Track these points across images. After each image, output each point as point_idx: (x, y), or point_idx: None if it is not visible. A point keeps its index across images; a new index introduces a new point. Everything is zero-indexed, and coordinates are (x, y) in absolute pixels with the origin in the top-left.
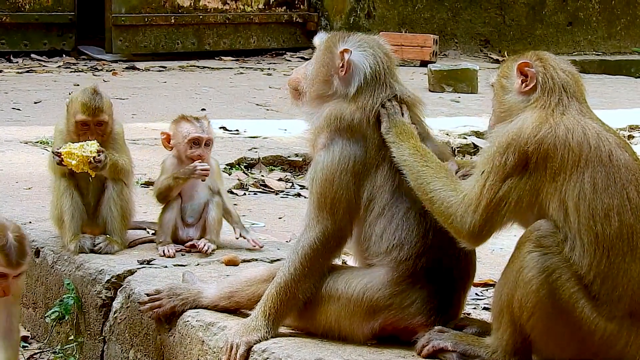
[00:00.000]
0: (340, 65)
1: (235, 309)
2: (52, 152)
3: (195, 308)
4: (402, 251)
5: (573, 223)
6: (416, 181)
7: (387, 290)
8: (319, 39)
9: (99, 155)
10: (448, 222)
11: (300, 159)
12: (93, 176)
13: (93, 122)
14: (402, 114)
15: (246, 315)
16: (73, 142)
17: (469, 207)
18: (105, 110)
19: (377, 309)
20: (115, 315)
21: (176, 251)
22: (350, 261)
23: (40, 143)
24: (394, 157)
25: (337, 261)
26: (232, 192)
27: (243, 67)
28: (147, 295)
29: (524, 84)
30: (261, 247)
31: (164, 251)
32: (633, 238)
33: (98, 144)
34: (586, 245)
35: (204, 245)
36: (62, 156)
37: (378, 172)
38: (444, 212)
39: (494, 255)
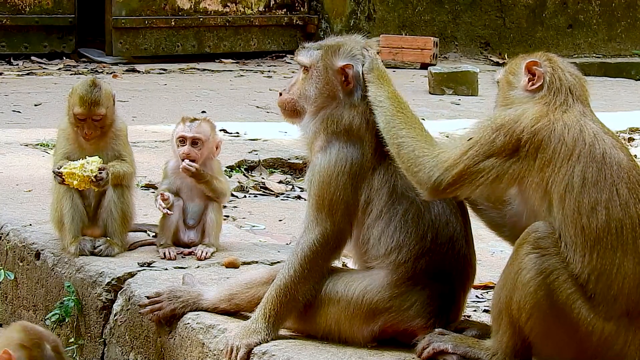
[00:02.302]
0: (344, 80)
1: (235, 311)
2: (53, 171)
3: (195, 310)
4: (401, 254)
5: (557, 214)
6: (388, 124)
7: (387, 292)
8: (309, 58)
9: (100, 174)
10: (413, 171)
11: (301, 162)
12: (96, 190)
13: (89, 116)
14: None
15: (246, 318)
16: (73, 151)
17: (443, 164)
18: (103, 104)
19: (376, 312)
20: (115, 317)
21: (177, 254)
22: (350, 263)
23: (41, 145)
24: (370, 95)
25: (337, 263)
26: (232, 195)
27: (243, 70)
28: (148, 297)
29: (530, 83)
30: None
31: (164, 254)
32: (622, 233)
33: (99, 161)
34: (573, 237)
35: (201, 253)
36: (64, 176)
37: (375, 175)
38: (412, 160)
39: (494, 257)
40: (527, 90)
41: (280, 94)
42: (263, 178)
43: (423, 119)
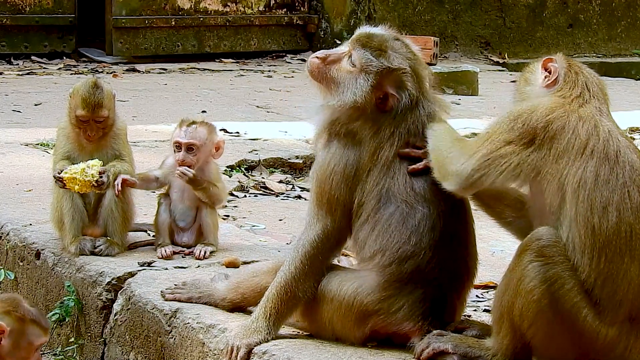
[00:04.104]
0: (380, 100)
1: (242, 302)
2: (54, 176)
3: (208, 302)
4: (384, 257)
5: (570, 210)
6: (434, 143)
7: (376, 295)
8: (363, 62)
9: (101, 178)
10: (441, 166)
11: (301, 161)
12: (97, 193)
13: (92, 118)
14: None
15: (249, 315)
16: (73, 150)
17: (467, 152)
18: (106, 105)
19: (366, 314)
20: (115, 317)
21: (174, 252)
22: (344, 261)
23: (41, 145)
24: (428, 135)
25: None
26: (232, 194)
27: (243, 69)
28: (175, 285)
29: (546, 79)
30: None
31: (161, 252)
32: (631, 237)
33: (100, 164)
34: (583, 238)
35: (200, 251)
36: (65, 181)
37: (369, 178)
38: (443, 159)
39: (495, 257)
40: (543, 86)
41: (318, 58)
42: (263, 178)
43: None
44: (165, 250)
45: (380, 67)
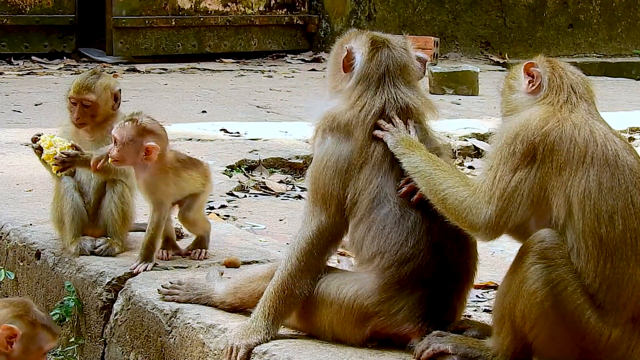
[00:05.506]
0: (344, 60)
1: (240, 305)
2: (32, 146)
3: (206, 304)
4: (383, 259)
5: (577, 223)
6: (428, 184)
7: (376, 297)
8: (345, 34)
9: (67, 150)
10: (462, 217)
11: (301, 161)
12: (56, 172)
13: (79, 100)
14: (409, 131)
15: (249, 315)
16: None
17: (483, 198)
18: (95, 92)
19: (366, 316)
20: (116, 317)
21: (173, 254)
22: (344, 262)
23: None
24: (405, 167)
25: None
26: (232, 194)
27: (244, 69)
28: (171, 283)
29: (530, 84)
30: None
31: (159, 255)
32: (637, 243)
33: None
34: (590, 248)
35: (198, 254)
36: (39, 141)
37: (361, 175)
38: (457, 208)
39: (495, 257)
40: (528, 92)
41: None
42: (263, 178)
43: None
44: (163, 254)
45: (349, 32)
